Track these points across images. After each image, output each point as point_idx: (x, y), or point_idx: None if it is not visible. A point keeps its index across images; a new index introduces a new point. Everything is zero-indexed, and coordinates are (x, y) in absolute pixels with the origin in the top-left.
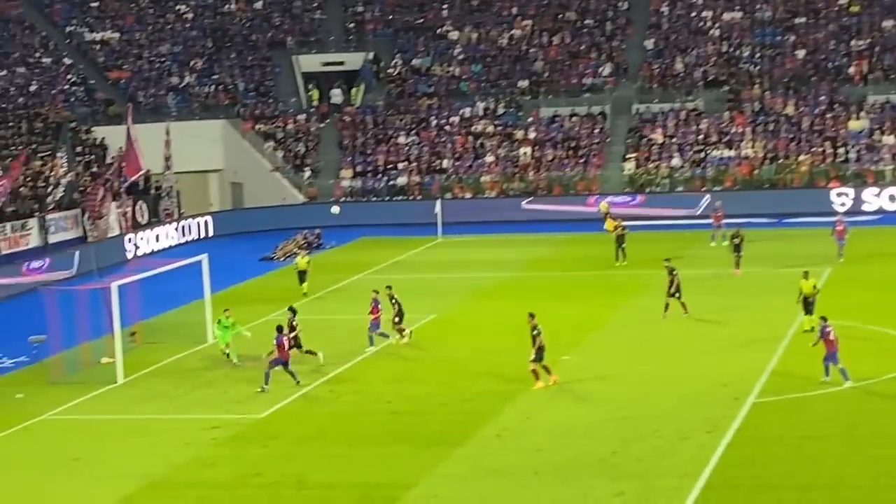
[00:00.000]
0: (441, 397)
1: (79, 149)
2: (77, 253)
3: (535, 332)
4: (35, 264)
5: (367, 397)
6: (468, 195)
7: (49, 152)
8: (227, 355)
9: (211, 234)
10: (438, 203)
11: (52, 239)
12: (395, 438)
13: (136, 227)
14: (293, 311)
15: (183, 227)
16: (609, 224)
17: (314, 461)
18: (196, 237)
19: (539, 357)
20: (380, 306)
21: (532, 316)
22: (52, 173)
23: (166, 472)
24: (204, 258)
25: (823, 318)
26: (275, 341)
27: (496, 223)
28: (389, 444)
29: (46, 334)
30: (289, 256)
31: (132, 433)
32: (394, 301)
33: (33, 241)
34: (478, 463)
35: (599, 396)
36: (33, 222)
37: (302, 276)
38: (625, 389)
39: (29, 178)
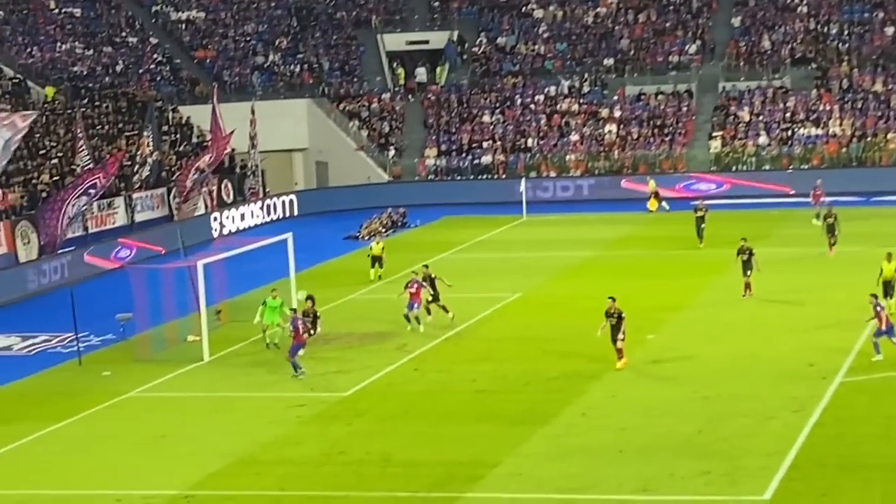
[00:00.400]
0: (526, 376)
1: (164, 128)
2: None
3: (619, 315)
4: (123, 253)
5: (451, 376)
6: (553, 174)
7: (135, 132)
8: (266, 334)
9: (296, 212)
10: (523, 182)
11: (139, 217)
12: (480, 417)
13: (222, 205)
14: (312, 299)
15: (268, 206)
16: (652, 203)
17: (399, 439)
18: (281, 216)
19: (613, 339)
20: (420, 287)
21: (613, 299)
22: (139, 152)
23: (251, 449)
24: (289, 237)
25: (874, 296)
26: (290, 325)
27: (581, 202)
28: (474, 423)
29: (133, 312)
30: (373, 235)
31: (218, 410)
32: (431, 280)
33: (120, 219)
34: (562, 441)
35: (684, 376)
36: (120, 201)
37: (375, 261)
38: (710, 369)
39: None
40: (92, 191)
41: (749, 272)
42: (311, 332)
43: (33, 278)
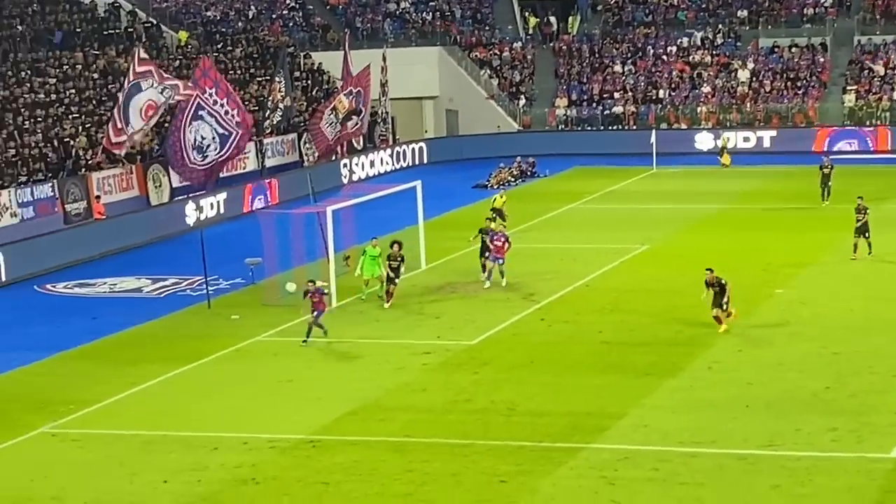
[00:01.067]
0: (653, 328)
1: (296, 74)
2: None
3: (720, 284)
4: (257, 203)
5: (578, 327)
6: (684, 126)
7: (266, 77)
8: (364, 288)
9: (425, 160)
10: (653, 133)
11: (269, 163)
12: (606, 368)
13: (352, 152)
14: (399, 244)
15: (397, 153)
16: (726, 158)
17: (524, 389)
18: (410, 163)
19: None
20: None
21: (711, 270)
22: (270, 98)
23: (377, 395)
24: (418, 184)
25: None
26: (309, 291)
27: (712, 154)
28: (600, 374)
29: (262, 257)
30: (502, 185)
31: (344, 357)
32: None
33: (250, 164)
34: (688, 395)
35: (812, 331)
36: (251, 146)
37: (497, 213)
38: (838, 325)
39: (247, 103)
40: (201, 112)
41: (864, 234)
42: (395, 281)
43: (164, 222)
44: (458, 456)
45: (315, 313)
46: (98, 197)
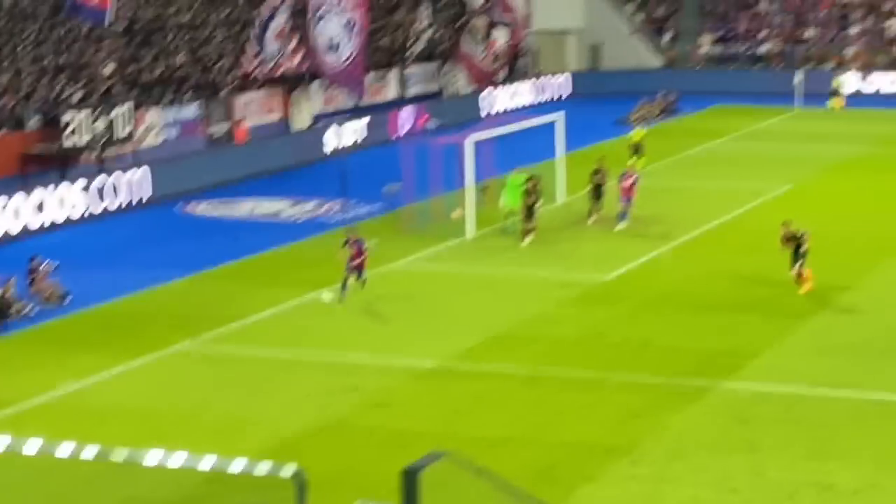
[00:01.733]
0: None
1: (440, 3)
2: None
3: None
4: (398, 130)
5: (715, 265)
6: (830, 66)
7: (411, 5)
8: (506, 219)
9: (567, 94)
10: (798, 73)
11: (411, 91)
12: (742, 307)
13: (493, 84)
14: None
15: (539, 86)
16: (836, 102)
17: (659, 325)
18: (552, 97)
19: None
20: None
21: (787, 224)
22: (413, 27)
23: (510, 326)
24: (559, 118)
25: None
26: (351, 244)
27: (855, 97)
28: (736, 313)
29: (401, 185)
30: (643, 121)
31: (479, 287)
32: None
33: (391, 92)
34: (826, 337)
35: None
36: (392, 74)
37: (635, 149)
38: None
39: (390, 30)
40: (319, 11)
41: None
42: (533, 218)
43: (305, 146)
44: (590, 389)
45: (352, 265)
46: (241, 120)
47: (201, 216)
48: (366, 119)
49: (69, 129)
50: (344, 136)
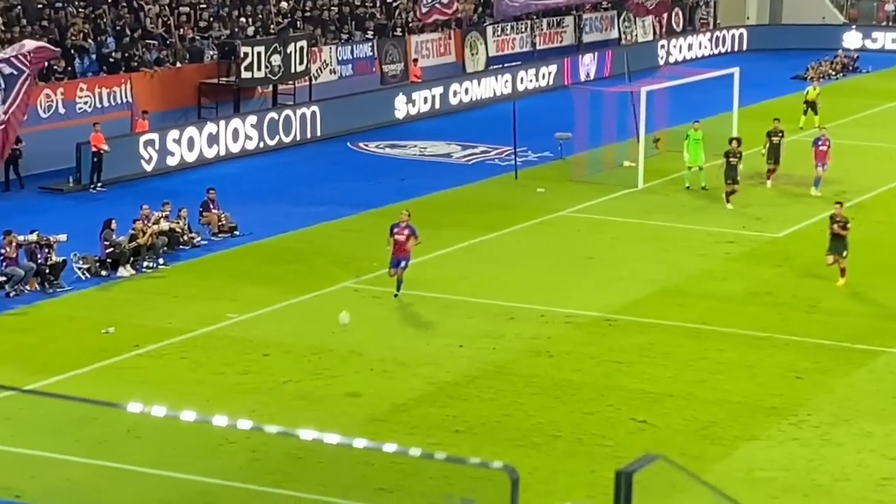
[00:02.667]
0: None
1: None
2: None
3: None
4: (573, 78)
5: (889, 227)
6: None
7: None
8: (687, 174)
9: (745, 47)
10: None
11: (587, 38)
12: None
13: (671, 33)
14: (738, 140)
15: (717, 38)
16: None
17: (828, 286)
18: (729, 49)
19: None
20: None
21: (840, 204)
22: None
23: (677, 280)
24: (736, 71)
25: None
26: (401, 230)
27: None
28: None
29: (572, 132)
30: (821, 78)
31: (646, 239)
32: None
33: (567, 39)
34: None
35: None
36: (569, 20)
37: (808, 106)
38: None
39: None
40: None
41: None
42: (736, 180)
43: (477, 89)
44: (755, 348)
45: (395, 259)
46: (415, 60)
47: (371, 154)
48: (539, 65)
49: (245, 62)
50: (521, 81)
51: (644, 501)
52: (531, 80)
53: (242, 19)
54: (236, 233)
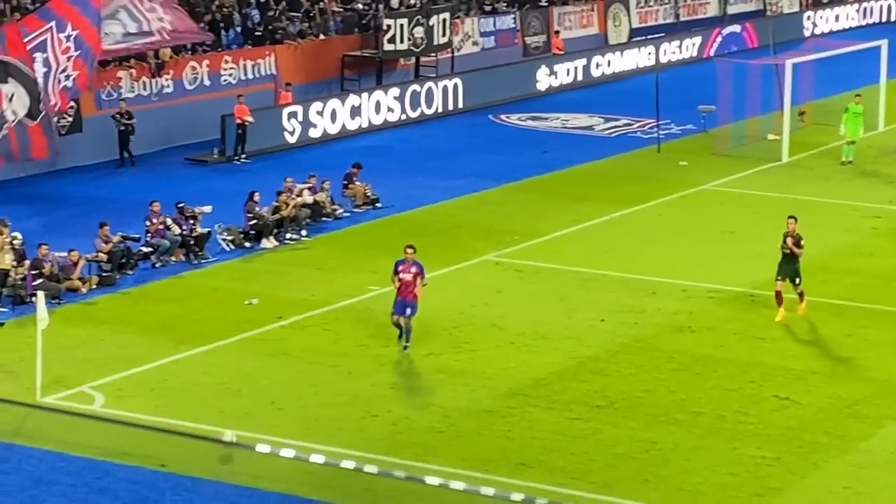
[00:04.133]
0: None
1: None
2: None
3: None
4: (716, 50)
5: None
6: None
7: None
8: (844, 148)
9: (893, 18)
10: None
11: (731, 10)
12: None
13: (816, 4)
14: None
15: (865, 10)
16: None
17: None
18: (877, 20)
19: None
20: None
21: (794, 219)
22: None
23: (822, 256)
24: (884, 43)
25: None
26: (406, 268)
27: None
28: None
29: (716, 105)
30: None
31: (790, 213)
32: None
33: (711, 10)
34: None
35: None
36: None
37: None
38: None
39: None
40: None
41: None
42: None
43: (620, 61)
44: None
45: (401, 303)
46: (557, 32)
47: (512, 127)
48: (683, 36)
49: (388, 35)
50: (664, 53)
51: None
52: (674, 52)
53: None
54: (378, 205)
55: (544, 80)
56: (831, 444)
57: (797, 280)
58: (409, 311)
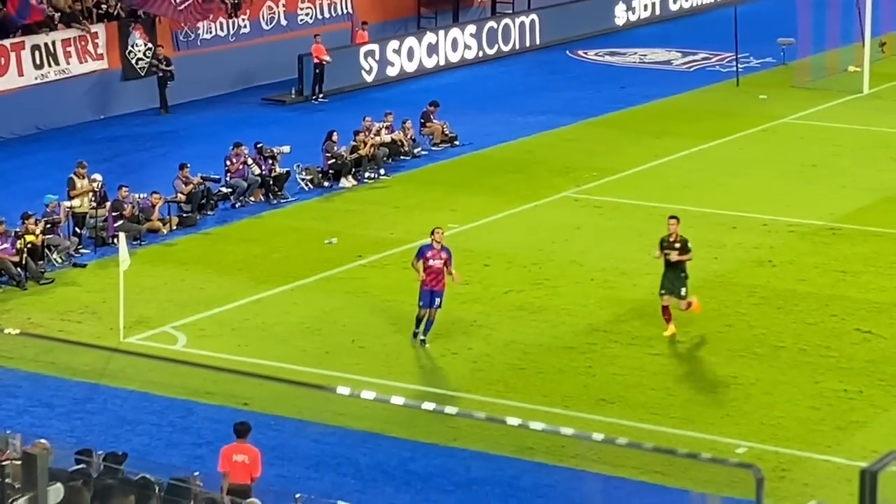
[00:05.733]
0: None
1: None
2: None
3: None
4: None
5: None
6: None
7: None
8: None
9: None
10: None
11: None
12: None
13: None
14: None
15: None
16: None
17: None
18: None
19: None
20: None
21: (675, 219)
22: None
23: None
24: None
25: None
26: (444, 252)
27: None
28: None
29: (795, 38)
30: None
31: (871, 145)
32: None
33: None
34: None
35: None
36: None
37: None
38: None
39: None
40: None
41: None
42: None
43: None
44: None
45: (429, 293)
46: None
47: (590, 62)
48: None
49: None
50: None
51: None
52: None
53: None
54: (456, 143)
55: (622, 14)
56: None
57: (683, 291)
58: (438, 300)
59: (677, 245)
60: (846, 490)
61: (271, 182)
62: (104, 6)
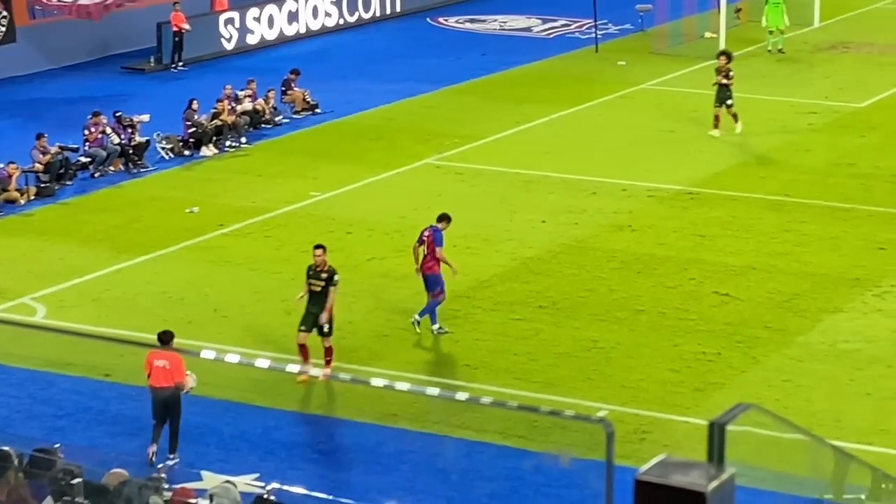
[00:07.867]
0: None
1: None
2: None
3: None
4: None
5: None
6: None
7: None
8: (769, 39)
9: None
10: None
11: None
12: None
13: None
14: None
15: None
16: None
17: None
18: None
19: None
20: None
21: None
22: None
23: (759, 152)
24: None
25: None
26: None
27: None
28: None
29: (653, 4)
30: None
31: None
32: None
33: None
34: None
35: None
36: None
37: None
38: None
39: None
40: None
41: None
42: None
43: None
44: (838, 219)
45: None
46: None
47: (451, 29)
48: None
49: None
50: None
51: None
52: None
53: None
54: (317, 111)
55: None
56: (771, 339)
57: (326, 328)
58: (439, 289)
59: (324, 275)
60: (704, 449)
61: (131, 151)
62: None
